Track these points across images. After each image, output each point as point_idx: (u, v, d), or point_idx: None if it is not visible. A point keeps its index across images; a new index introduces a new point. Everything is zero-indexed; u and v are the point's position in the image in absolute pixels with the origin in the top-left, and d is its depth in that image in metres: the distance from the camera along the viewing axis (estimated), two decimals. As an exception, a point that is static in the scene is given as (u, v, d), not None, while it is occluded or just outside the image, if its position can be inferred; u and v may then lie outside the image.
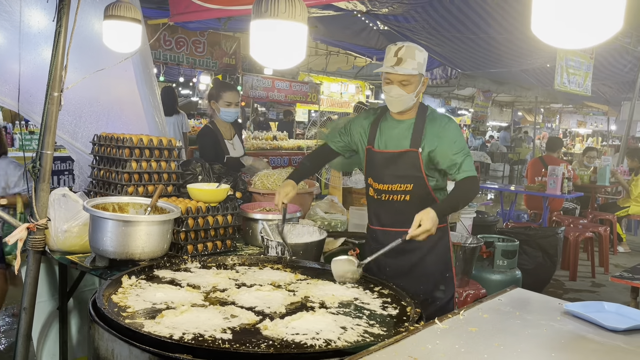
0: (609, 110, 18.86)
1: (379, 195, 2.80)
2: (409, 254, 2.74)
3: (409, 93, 2.63)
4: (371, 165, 2.82)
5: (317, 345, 1.64)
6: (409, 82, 2.61)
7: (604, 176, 8.08)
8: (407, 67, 2.58)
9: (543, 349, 1.56)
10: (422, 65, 2.65)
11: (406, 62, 2.59)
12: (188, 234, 2.75)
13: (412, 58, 2.59)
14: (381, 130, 2.79)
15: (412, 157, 2.68)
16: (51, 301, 3.08)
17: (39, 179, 2.69)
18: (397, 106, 2.68)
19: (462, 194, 2.63)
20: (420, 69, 2.64)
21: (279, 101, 11.65)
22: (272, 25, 2.10)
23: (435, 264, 2.77)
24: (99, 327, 1.72)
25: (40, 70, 2.94)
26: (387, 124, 2.79)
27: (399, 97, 2.64)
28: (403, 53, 2.60)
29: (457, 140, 2.65)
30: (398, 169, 2.72)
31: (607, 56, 8.43)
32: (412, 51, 2.61)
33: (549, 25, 1.35)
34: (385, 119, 2.81)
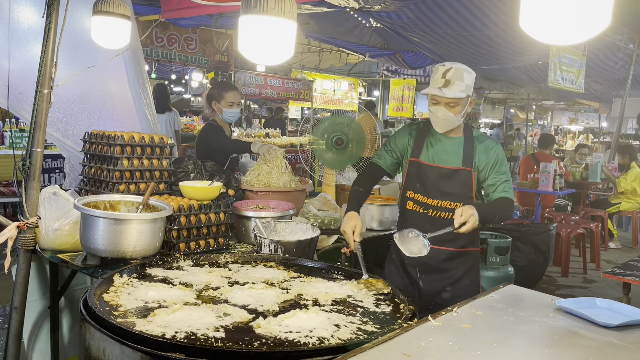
0: (600, 107, 18.99)
1: (425, 210, 2.76)
2: (446, 273, 2.75)
3: (456, 115, 2.62)
4: (416, 178, 2.78)
5: (311, 343, 1.64)
6: (457, 104, 2.59)
7: (595, 173, 8.13)
8: (455, 90, 2.56)
9: (536, 345, 1.56)
10: (469, 87, 2.62)
11: (454, 85, 2.56)
12: (180, 232, 2.74)
13: (460, 80, 2.57)
14: (429, 144, 2.76)
15: (466, 175, 2.68)
16: (42, 300, 3.06)
17: (29, 177, 2.66)
18: (442, 127, 2.67)
19: (501, 210, 2.62)
20: (468, 91, 2.61)
21: (272, 98, 11.62)
22: (260, 21, 2.09)
23: (467, 287, 2.75)
24: (90, 327, 1.70)
25: (30, 67, 2.91)
26: (435, 139, 2.76)
27: (445, 119, 2.63)
28: (451, 75, 2.57)
29: (503, 163, 2.69)
30: (449, 186, 2.70)
31: (598, 53, 8.47)
32: (460, 73, 2.58)
33: (537, 20, 1.35)
34: (432, 134, 2.78)
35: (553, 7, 1.30)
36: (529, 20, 1.35)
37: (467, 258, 2.78)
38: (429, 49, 8.24)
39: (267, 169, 3.66)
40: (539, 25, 1.33)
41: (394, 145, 2.87)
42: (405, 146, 2.82)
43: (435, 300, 2.73)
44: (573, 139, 23.08)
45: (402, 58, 9.76)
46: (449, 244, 2.72)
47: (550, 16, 1.31)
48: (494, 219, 2.66)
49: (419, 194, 2.76)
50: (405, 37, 7.78)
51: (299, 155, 4.41)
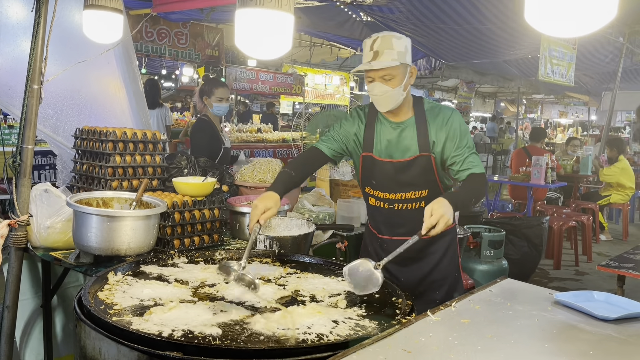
0: (590, 101, 19.11)
1: (389, 205, 2.55)
2: (423, 261, 2.60)
3: (394, 88, 2.33)
4: (371, 173, 2.56)
5: (309, 339, 1.63)
6: (392, 76, 2.32)
7: (586, 165, 8.18)
8: (386, 60, 2.30)
9: (536, 339, 1.56)
10: (403, 54, 2.33)
11: (384, 55, 2.30)
12: (174, 229, 2.71)
13: (389, 48, 2.30)
14: (379, 135, 2.50)
15: (425, 161, 2.45)
16: (34, 299, 3.02)
17: (20, 174, 2.62)
18: (384, 105, 2.40)
19: (474, 190, 2.37)
20: (402, 59, 2.32)
21: (263, 93, 11.57)
22: (257, 14, 2.06)
23: (448, 267, 2.62)
24: (86, 326, 1.68)
25: (20, 62, 2.86)
26: (384, 127, 2.50)
27: (383, 94, 2.35)
28: (379, 45, 2.31)
29: (464, 135, 2.42)
30: (410, 177, 2.48)
31: (589, 47, 8.51)
32: (388, 41, 2.31)
33: (542, 13, 1.33)
34: (380, 121, 2.51)
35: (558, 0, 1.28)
36: (535, 13, 1.34)
37: (443, 240, 2.59)
38: (421, 42, 8.23)
39: (262, 162, 3.64)
40: (544, 18, 1.32)
41: (342, 133, 2.57)
42: (354, 135, 2.55)
43: (418, 288, 2.60)
44: (563, 133, 23.22)
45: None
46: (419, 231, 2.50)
47: (555, 9, 1.29)
48: (469, 203, 2.39)
49: (377, 190, 2.56)
50: (397, 31, 7.74)
51: (291, 151, 4.43)
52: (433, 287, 2.61)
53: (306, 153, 2.69)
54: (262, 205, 2.24)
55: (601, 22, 1.28)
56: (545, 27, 1.35)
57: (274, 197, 2.31)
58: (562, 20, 1.30)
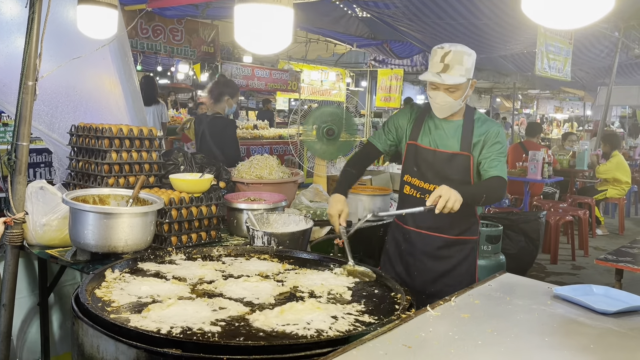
0: (585, 96, 19.13)
1: (422, 194, 2.63)
2: (441, 261, 2.66)
3: (456, 100, 2.50)
4: (414, 161, 2.68)
5: (309, 335, 1.62)
6: (457, 89, 2.47)
7: (582, 160, 8.19)
8: (455, 75, 2.43)
9: (536, 334, 1.56)
10: (470, 70, 2.49)
11: (454, 69, 2.43)
12: (172, 226, 2.70)
13: (459, 64, 2.43)
14: (427, 127, 2.65)
15: (464, 160, 2.57)
16: (31, 297, 3.00)
17: (15, 171, 2.60)
18: (442, 113, 2.57)
19: (488, 188, 2.48)
20: (469, 75, 2.48)
21: (259, 89, 11.53)
22: (257, 9, 2.04)
23: (463, 275, 2.67)
24: (83, 323, 1.66)
25: (14, 59, 2.83)
26: (434, 122, 2.64)
27: (445, 105, 2.52)
28: (450, 59, 2.43)
29: (501, 145, 2.55)
30: (447, 171, 2.59)
31: (584, 41, 8.51)
32: (460, 57, 2.44)
33: (540, 4, 1.32)
34: (431, 117, 2.65)
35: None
36: (531, 5, 1.33)
37: (463, 247, 2.69)
38: (417, 38, 8.23)
39: (259, 159, 3.63)
40: (541, 10, 1.31)
41: (392, 126, 2.76)
42: (404, 128, 2.71)
43: (430, 289, 2.67)
44: (558, 128, 23.27)
45: (390, 48, 9.74)
46: (445, 231, 2.65)
47: (552, 0, 1.28)
48: (480, 198, 2.48)
49: (415, 178, 2.66)
50: (392, 27, 7.75)
51: (288, 147, 4.46)
52: (445, 290, 2.55)
53: (362, 150, 2.88)
54: (335, 210, 2.51)
55: (598, 14, 1.28)
56: (542, 18, 1.35)
57: (341, 199, 2.56)
58: (559, 12, 1.29)
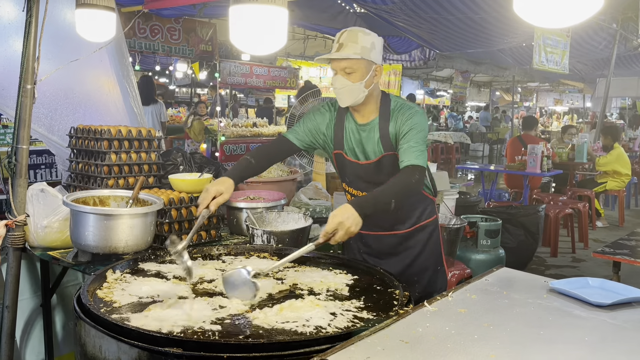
0: (585, 88, 19.13)
1: None
2: (402, 254, 2.59)
3: (354, 82, 2.30)
4: (344, 171, 2.55)
5: (308, 332, 1.64)
6: (353, 70, 2.28)
7: (581, 153, 8.20)
8: (348, 52, 2.26)
9: (531, 327, 1.58)
10: (367, 49, 2.28)
11: (347, 47, 2.27)
12: (172, 226, 2.72)
13: (354, 42, 2.27)
14: (348, 134, 2.46)
15: (391, 160, 2.40)
16: (34, 298, 3.03)
17: (16, 174, 2.62)
18: (343, 99, 2.35)
19: (395, 186, 2.19)
20: (365, 54, 2.27)
21: (258, 87, 11.52)
22: (251, 10, 2.06)
23: (427, 260, 2.60)
24: (85, 324, 1.68)
25: (12, 62, 2.85)
26: (352, 127, 2.46)
27: (343, 88, 2.32)
28: (345, 38, 2.29)
29: (419, 130, 2.31)
30: (378, 177, 2.41)
31: (582, 34, 8.51)
32: (354, 35, 2.28)
33: (531, 4, 1.34)
34: (349, 120, 2.47)
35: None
36: (523, 4, 1.34)
37: (421, 234, 2.57)
38: (415, 33, 8.23)
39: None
40: (532, 9, 1.32)
41: (311, 124, 2.52)
42: (324, 131, 2.51)
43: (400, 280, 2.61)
44: (558, 120, 23.25)
45: (388, 43, 9.72)
46: (398, 227, 2.54)
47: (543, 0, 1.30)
48: (388, 202, 2.14)
49: (351, 187, 2.55)
50: (390, 22, 7.74)
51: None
52: (411, 281, 2.53)
53: (273, 142, 2.64)
54: (214, 189, 2.21)
55: (589, 12, 1.29)
56: (534, 17, 1.36)
57: (227, 182, 2.27)
58: (551, 11, 1.31)
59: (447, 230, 3.84)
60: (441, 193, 4.50)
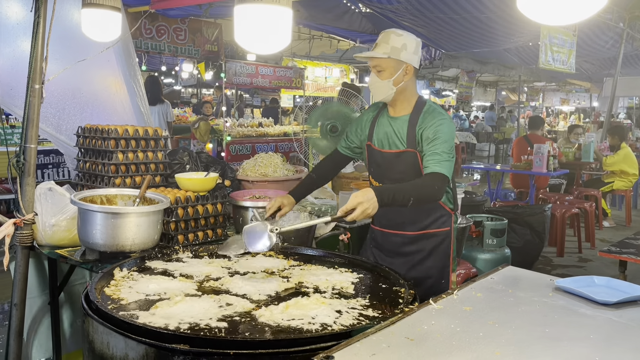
0: (592, 87, 19.02)
1: None
2: (408, 257, 2.62)
3: (383, 80, 2.45)
4: (371, 162, 2.67)
5: (314, 329, 1.65)
6: (382, 68, 2.45)
7: (588, 152, 8.16)
8: (377, 51, 2.44)
9: (537, 325, 1.58)
10: (398, 50, 2.41)
11: (379, 47, 2.45)
12: (178, 224, 2.74)
13: (385, 42, 2.43)
14: (378, 127, 2.62)
15: (411, 157, 2.49)
16: (41, 296, 3.05)
17: (24, 173, 2.64)
18: (374, 94, 2.55)
19: (417, 187, 2.30)
20: (395, 54, 2.41)
21: (264, 87, 11.55)
22: (256, 10, 2.07)
23: (431, 268, 2.61)
24: (93, 321, 1.70)
25: (21, 62, 2.87)
26: (383, 120, 2.61)
27: (372, 84, 2.52)
28: (380, 38, 2.47)
29: (441, 139, 2.38)
30: (396, 170, 2.54)
31: (589, 33, 8.47)
32: (387, 35, 2.45)
33: (534, 1, 1.34)
34: (382, 115, 2.63)
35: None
36: (526, 2, 1.34)
37: (428, 241, 2.60)
38: (420, 33, 8.21)
39: (264, 157, 3.67)
40: (536, 6, 1.33)
41: (353, 129, 2.74)
42: (362, 129, 2.69)
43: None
44: (565, 120, 23.14)
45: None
46: (405, 227, 2.60)
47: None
48: (407, 200, 2.20)
49: (374, 179, 2.66)
50: (395, 22, 7.74)
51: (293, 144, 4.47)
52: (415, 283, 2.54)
53: (330, 155, 2.86)
54: (276, 203, 2.52)
55: (593, 9, 1.29)
56: (538, 15, 1.36)
57: (288, 197, 2.58)
58: (554, 8, 1.31)
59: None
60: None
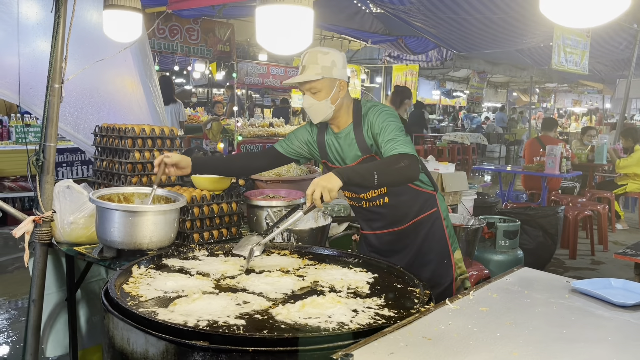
0: (604, 89, 18.89)
1: (358, 204, 2.67)
2: (404, 251, 2.65)
3: (320, 101, 2.43)
4: None
5: (331, 328, 1.66)
6: (317, 89, 2.42)
7: (601, 154, 8.11)
8: (309, 74, 2.39)
9: (554, 326, 1.58)
10: (328, 68, 2.40)
11: (308, 69, 2.40)
12: (194, 223, 2.76)
13: (314, 63, 2.40)
14: (329, 145, 2.61)
15: (371, 161, 2.48)
16: (58, 293, 3.09)
17: (43, 171, 2.68)
18: (314, 116, 2.50)
19: (377, 164, 2.31)
20: (326, 73, 2.40)
21: (275, 87, 11.59)
22: (277, 10, 2.09)
23: (429, 253, 2.64)
24: (114, 317, 1.73)
25: (40, 62, 2.92)
26: (331, 137, 2.60)
27: (310, 107, 2.47)
28: (306, 60, 2.42)
29: (391, 123, 2.39)
30: None
31: (602, 34, 8.43)
32: (314, 56, 2.40)
33: (558, 4, 1.35)
34: (328, 132, 2.61)
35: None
36: (549, 4, 1.35)
37: (422, 226, 2.62)
38: (432, 33, 8.22)
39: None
40: (559, 9, 1.33)
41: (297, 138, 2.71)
42: (309, 144, 2.68)
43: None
44: (577, 122, 22.99)
45: (405, 43, 9.73)
46: (398, 224, 2.62)
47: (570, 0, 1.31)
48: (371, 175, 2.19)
49: (345, 191, 2.66)
50: (407, 22, 7.75)
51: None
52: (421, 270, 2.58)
53: (262, 150, 2.82)
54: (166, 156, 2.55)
55: (616, 12, 1.29)
56: (560, 18, 1.37)
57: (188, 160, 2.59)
58: (577, 11, 1.31)
59: (466, 231, 3.84)
60: (459, 194, 4.50)
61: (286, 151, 2.71)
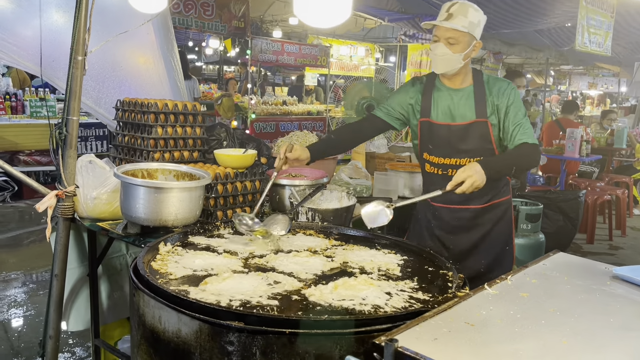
0: (621, 72, 18.53)
1: (443, 171, 2.62)
2: (474, 230, 2.65)
3: (455, 53, 2.45)
4: (429, 138, 2.64)
5: (366, 311, 1.63)
6: (457, 41, 2.43)
7: (621, 138, 7.98)
8: (457, 24, 2.40)
9: (599, 314, 1.53)
10: (474, 25, 2.43)
11: (457, 19, 2.41)
12: (217, 200, 2.73)
13: (464, 15, 2.41)
14: (436, 101, 2.59)
15: (481, 128, 2.52)
16: (80, 268, 3.08)
17: (66, 145, 2.64)
18: (440, 66, 2.50)
19: (517, 157, 2.43)
20: (472, 29, 2.43)
21: (289, 65, 11.46)
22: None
23: (498, 237, 2.67)
24: (144, 295, 1.70)
25: (62, 34, 2.86)
26: (441, 94, 2.59)
27: (443, 56, 2.46)
28: (455, 9, 2.43)
29: (518, 107, 2.49)
30: (466, 142, 2.55)
31: (625, 15, 8.21)
32: (465, 8, 2.42)
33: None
34: (438, 88, 2.61)
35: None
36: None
37: (496, 211, 2.66)
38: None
39: (299, 135, 3.63)
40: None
41: (395, 101, 2.71)
42: (410, 104, 2.67)
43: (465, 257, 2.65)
44: (592, 105, 22.64)
45: (422, 22, 9.55)
46: (474, 201, 2.62)
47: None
48: (509, 170, 2.44)
49: (433, 155, 2.64)
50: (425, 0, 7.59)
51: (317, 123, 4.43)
52: (478, 257, 2.63)
53: (361, 119, 2.86)
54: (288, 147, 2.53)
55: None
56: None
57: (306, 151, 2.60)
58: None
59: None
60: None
61: (386, 115, 2.71)
